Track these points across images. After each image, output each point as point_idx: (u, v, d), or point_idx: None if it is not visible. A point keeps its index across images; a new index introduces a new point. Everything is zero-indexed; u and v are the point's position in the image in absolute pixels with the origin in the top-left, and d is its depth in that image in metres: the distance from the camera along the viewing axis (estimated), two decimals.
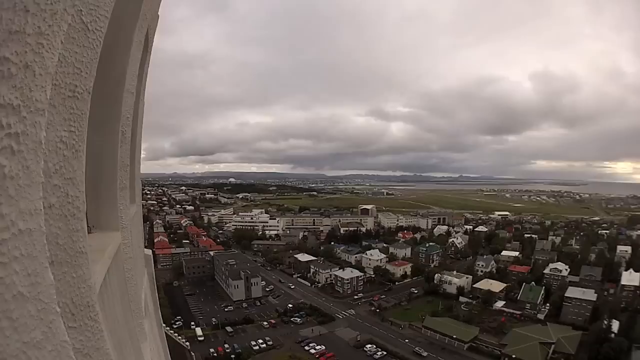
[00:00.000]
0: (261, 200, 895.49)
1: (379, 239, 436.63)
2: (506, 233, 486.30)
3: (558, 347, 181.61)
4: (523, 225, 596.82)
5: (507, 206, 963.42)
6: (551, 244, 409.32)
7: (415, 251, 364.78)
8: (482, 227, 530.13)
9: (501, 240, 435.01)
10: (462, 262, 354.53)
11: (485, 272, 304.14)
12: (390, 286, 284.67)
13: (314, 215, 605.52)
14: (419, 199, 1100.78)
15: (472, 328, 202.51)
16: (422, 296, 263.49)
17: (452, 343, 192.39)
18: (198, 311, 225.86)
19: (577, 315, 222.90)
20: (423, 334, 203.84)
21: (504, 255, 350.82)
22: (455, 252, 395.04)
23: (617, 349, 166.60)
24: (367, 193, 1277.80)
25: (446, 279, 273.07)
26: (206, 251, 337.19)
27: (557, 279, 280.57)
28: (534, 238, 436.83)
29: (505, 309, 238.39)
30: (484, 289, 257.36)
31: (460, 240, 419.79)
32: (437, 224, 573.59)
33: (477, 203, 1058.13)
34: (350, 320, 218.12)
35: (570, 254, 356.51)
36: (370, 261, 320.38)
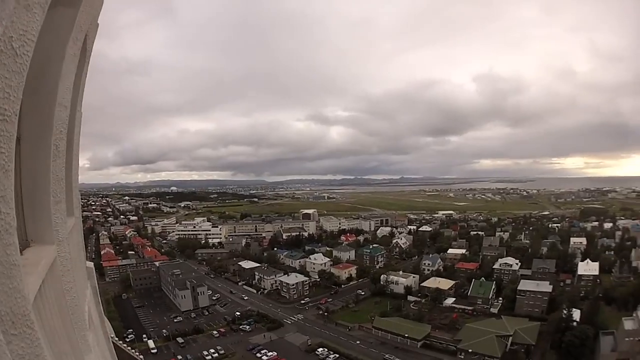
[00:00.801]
0: (203, 209, 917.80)
1: (322, 242, 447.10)
2: (451, 231, 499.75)
3: (516, 339, 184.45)
4: (468, 223, 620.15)
5: (451, 205, 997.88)
6: (499, 239, 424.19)
7: (359, 253, 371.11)
8: (426, 227, 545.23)
9: (446, 238, 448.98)
10: (407, 262, 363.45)
11: (432, 270, 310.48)
12: (336, 289, 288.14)
13: (255, 222, 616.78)
14: (361, 202, 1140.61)
15: (423, 326, 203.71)
16: (369, 297, 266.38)
17: (404, 342, 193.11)
18: (149, 323, 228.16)
19: (532, 307, 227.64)
20: (374, 335, 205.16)
21: (451, 253, 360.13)
22: (400, 252, 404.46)
23: (581, 336, 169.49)
24: (308, 197, 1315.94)
25: (392, 279, 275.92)
26: (151, 262, 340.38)
27: (508, 273, 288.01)
28: (481, 235, 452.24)
29: (456, 305, 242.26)
30: (432, 287, 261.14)
31: (405, 240, 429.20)
32: (380, 225, 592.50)
33: (420, 203, 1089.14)
34: (299, 325, 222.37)
35: (520, 249, 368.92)
36: (314, 265, 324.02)
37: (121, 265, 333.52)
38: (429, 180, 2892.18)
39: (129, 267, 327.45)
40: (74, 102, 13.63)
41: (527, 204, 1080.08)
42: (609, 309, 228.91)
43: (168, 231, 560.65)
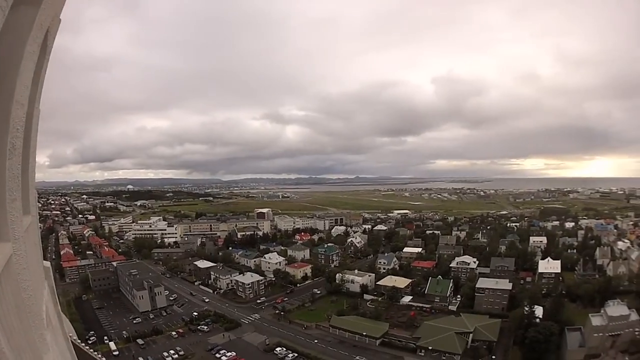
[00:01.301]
0: (159, 208, 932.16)
1: (277, 242, 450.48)
2: (407, 230, 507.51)
3: (477, 336, 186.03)
4: (424, 223, 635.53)
5: (407, 205, 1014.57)
6: (456, 238, 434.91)
7: (314, 252, 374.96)
8: (381, 226, 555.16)
9: (402, 237, 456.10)
10: (363, 261, 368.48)
11: (388, 269, 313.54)
12: (292, 288, 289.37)
13: (210, 221, 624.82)
14: (315, 201, 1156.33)
15: (381, 324, 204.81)
16: (325, 296, 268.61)
17: (363, 340, 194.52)
18: (109, 325, 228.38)
19: (492, 304, 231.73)
20: (331, 333, 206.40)
21: (406, 252, 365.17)
22: (355, 251, 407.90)
23: (546, 332, 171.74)
24: (263, 197, 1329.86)
25: (348, 278, 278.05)
26: (109, 262, 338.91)
27: (466, 271, 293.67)
28: (437, 234, 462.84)
29: (414, 303, 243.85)
30: (388, 286, 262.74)
31: (360, 239, 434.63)
32: (335, 224, 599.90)
33: (375, 203, 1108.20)
34: (256, 325, 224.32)
35: (477, 247, 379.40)
36: (269, 265, 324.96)
37: (80, 266, 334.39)
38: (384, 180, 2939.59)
39: (88, 268, 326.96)
40: (32, 99, 13.85)
41: (484, 203, 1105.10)
42: (574, 305, 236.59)
43: (125, 230, 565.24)
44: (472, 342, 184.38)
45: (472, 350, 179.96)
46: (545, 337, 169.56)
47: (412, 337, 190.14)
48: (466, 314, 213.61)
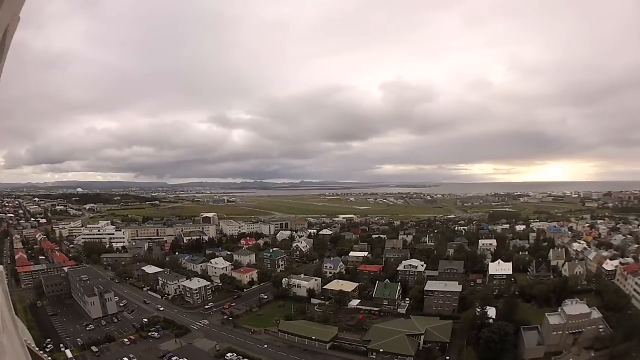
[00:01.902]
0: (107, 212, 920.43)
1: (223, 246, 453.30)
2: (352, 235, 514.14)
3: (429, 337, 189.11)
4: (370, 227, 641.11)
5: (353, 209, 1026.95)
6: (402, 242, 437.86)
7: (260, 257, 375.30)
8: (327, 231, 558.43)
9: (348, 242, 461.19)
10: (309, 266, 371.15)
11: (335, 273, 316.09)
12: (239, 293, 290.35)
13: (157, 226, 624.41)
14: (261, 206, 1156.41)
15: (330, 328, 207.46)
16: (272, 301, 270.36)
17: (313, 344, 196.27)
18: (64, 332, 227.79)
19: (442, 306, 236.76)
20: (281, 338, 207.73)
21: (353, 256, 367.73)
22: (300, 256, 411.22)
23: (500, 332, 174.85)
24: (209, 201, 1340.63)
25: (295, 282, 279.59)
26: (61, 267, 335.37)
27: (414, 274, 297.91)
28: (383, 238, 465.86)
29: (362, 307, 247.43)
30: (335, 290, 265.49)
31: (305, 244, 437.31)
32: (280, 229, 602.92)
33: (320, 207, 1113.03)
34: (205, 331, 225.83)
35: (425, 251, 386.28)
36: (216, 270, 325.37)
37: (34, 271, 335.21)
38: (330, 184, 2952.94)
39: (41, 274, 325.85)
40: None
41: (431, 208, 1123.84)
42: (529, 306, 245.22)
43: (75, 235, 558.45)
44: (424, 344, 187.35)
45: (425, 351, 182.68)
46: (501, 337, 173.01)
47: (362, 341, 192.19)
48: (416, 316, 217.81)
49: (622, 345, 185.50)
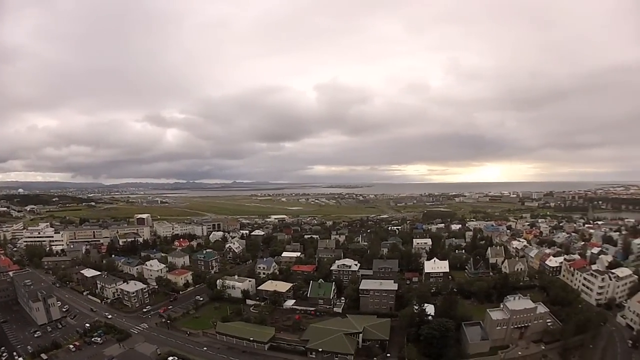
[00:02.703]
0: (46, 213, 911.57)
1: (157, 248, 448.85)
2: (285, 235, 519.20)
3: (367, 335, 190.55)
4: (302, 227, 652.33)
5: (284, 210, 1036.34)
6: (335, 242, 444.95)
7: (194, 259, 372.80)
8: (259, 231, 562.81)
9: (280, 242, 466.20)
10: (242, 267, 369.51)
11: (268, 273, 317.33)
12: (175, 296, 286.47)
13: (93, 227, 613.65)
14: (193, 206, 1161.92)
15: (267, 329, 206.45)
16: (208, 303, 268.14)
17: (251, 345, 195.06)
18: (15, 339, 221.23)
19: (379, 304, 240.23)
20: (219, 340, 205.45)
21: (285, 257, 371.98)
22: (233, 257, 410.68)
23: (441, 328, 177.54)
24: (142, 202, 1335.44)
25: (229, 284, 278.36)
26: (6, 272, 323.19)
27: (348, 274, 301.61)
28: (315, 238, 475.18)
29: (298, 307, 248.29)
30: (270, 290, 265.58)
31: (238, 245, 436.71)
32: (213, 230, 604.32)
33: (252, 208, 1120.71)
34: (145, 335, 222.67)
35: (358, 250, 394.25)
36: (151, 272, 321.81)
37: None
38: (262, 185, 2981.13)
39: None
40: None
41: (363, 208, 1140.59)
42: (468, 302, 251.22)
43: (17, 237, 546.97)
44: (364, 342, 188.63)
45: (364, 350, 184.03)
46: (442, 333, 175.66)
47: (300, 340, 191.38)
48: (353, 315, 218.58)
49: (574, 338, 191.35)
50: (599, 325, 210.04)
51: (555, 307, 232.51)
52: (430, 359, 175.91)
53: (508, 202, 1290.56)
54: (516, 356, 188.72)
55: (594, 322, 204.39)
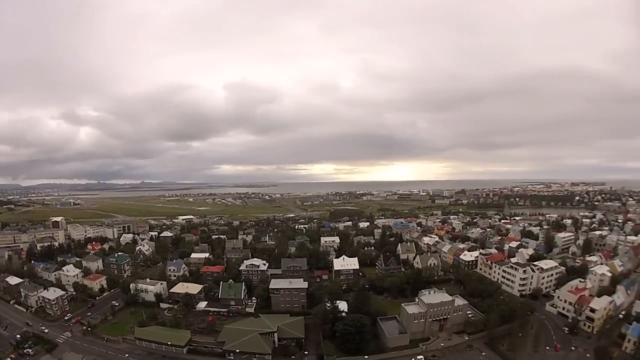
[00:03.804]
0: None
1: (72, 252, 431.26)
2: (192, 236, 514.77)
3: (282, 334, 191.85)
4: (209, 228, 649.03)
5: (191, 210, 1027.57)
6: (242, 242, 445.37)
7: (107, 262, 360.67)
8: (167, 232, 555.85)
9: (188, 243, 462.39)
10: (153, 269, 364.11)
11: (179, 275, 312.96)
12: (92, 302, 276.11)
13: (13, 232, 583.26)
14: (104, 208, 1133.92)
15: (183, 332, 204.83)
16: (124, 308, 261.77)
17: (170, 349, 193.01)
18: None
19: (290, 303, 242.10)
20: (139, 346, 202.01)
21: (194, 258, 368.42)
22: (144, 259, 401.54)
23: (355, 324, 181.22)
24: (56, 204, 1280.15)
25: (142, 287, 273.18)
26: None
27: (257, 273, 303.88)
28: (223, 238, 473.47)
29: (210, 308, 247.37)
30: (181, 293, 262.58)
31: (148, 247, 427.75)
32: (123, 232, 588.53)
33: (160, 209, 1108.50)
34: (70, 344, 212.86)
35: (266, 250, 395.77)
36: (68, 278, 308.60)
37: None
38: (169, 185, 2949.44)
39: None
40: None
41: (270, 207, 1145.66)
42: (381, 297, 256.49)
43: None
44: (279, 341, 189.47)
45: (281, 349, 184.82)
46: (357, 329, 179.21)
47: (216, 342, 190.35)
48: (265, 314, 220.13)
49: (501, 327, 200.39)
50: (526, 314, 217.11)
51: (474, 299, 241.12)
52: (349, 354, 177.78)
53: (418, 200, 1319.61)
54: (439, 347, 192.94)
55: (520, 312, 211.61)
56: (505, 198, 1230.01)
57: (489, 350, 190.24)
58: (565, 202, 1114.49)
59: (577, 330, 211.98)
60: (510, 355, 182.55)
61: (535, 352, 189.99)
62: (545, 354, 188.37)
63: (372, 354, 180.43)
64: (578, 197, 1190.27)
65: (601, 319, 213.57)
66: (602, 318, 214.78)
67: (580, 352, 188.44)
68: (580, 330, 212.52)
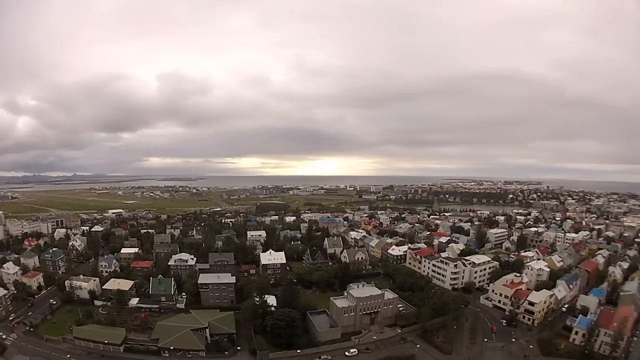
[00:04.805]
0: None
1: (11, 249, 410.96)
2: (122, 230, 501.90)
3: (214, 330, 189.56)
4: (138, 222, 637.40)
5: (121, 203, 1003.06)
6: (170, 236, 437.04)
7: (42, 259, 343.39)
8: (98, 227, 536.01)
9: (119, 238, 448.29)
10: (86, 265, 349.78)
11: (110, 272, 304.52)
12: (32, 300, 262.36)
13: None
14: (39, 202, 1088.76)
15: (118, 330, 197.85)
16: (61, 306, 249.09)
17: (108, 348, 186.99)
18: None
19: (220, 298, 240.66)
20: (78, 345, 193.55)
21: (124, 253, 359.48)
22: (77, 255, 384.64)
23: (285, 318, 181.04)
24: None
25: (76, 284, 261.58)
26: None
27: (185, 268, 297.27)
28: (152, 233, 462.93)
29: (142, 305, 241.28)
30: (114, 289, 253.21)
31: (80, 242, 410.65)
32: (57, 227, 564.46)
33: (91, 202, 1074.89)
34: (17, 345, 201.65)
35: (193, 244, 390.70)
36: (8, 276, 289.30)
37: None
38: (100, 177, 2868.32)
39: None
40: None
41: (197, 201, 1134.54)
42: (310, 292, 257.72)
43: None
44: (212, 337, 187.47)
45: (214, 344, 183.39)
46: (287, 323, 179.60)
47: (151, 340, 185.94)
48: (196, 310, 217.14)
49: (434, 320, 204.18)
50: (459, 307, 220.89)
51: (405, 292, 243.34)
52: (281, 349, 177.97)
53: (345, 195, 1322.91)
54: (371, 340, 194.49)
55: (454, 305, 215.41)
56: (434, 194, 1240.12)
57: (423, 342, 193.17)
58: (498, 200, 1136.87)
59: (515, 322, 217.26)
60: (446, 347, 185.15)
61: (472, 344, 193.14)
62: (484, 346, 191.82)
63: (305, 348, 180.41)
64: (512, 195, 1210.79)
65: (541, 311, 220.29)
66: (543, 311, 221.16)
67: (522, 344, 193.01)
68: (519, 323, 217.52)
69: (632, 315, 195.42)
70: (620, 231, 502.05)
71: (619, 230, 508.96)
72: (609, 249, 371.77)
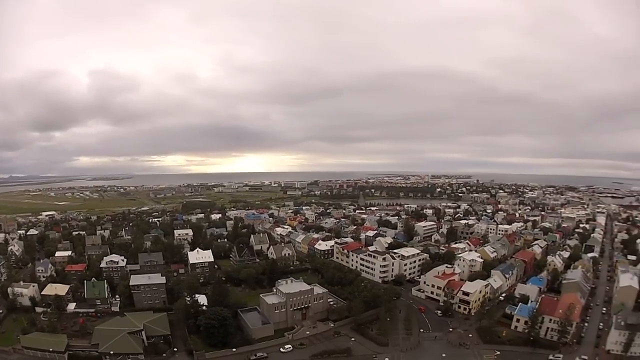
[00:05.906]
0: None
1: None
2: (55, 233, 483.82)
3: (149, 332, 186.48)
4: (70, 224, 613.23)
5: (53, 205, 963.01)
6: (101, 238, 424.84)
7: None
8: (33, 230, 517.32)
9: (53, 241, 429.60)
10: (25, 270, 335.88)
11: (47, 276, 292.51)
12: None
13: None
14: None
15: (60, 337, 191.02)
16: (7, 315, 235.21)
17: (53, 356, 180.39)
18: None
19: (152, 299, 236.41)
20: (27, 355, 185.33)
21: (59, 256, 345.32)
22: (17, 260, 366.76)
23: (217, 317, 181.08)
24: None
25: (17, 291, 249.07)
26: None
27: (117, 270, 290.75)
28: (83, 235, 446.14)
29: (79, 310, 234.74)
30: (51, 295, 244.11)
31: (18, 247, 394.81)
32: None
33: (26, 205, 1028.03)
34: None
35: (123, 245, 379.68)
36: None
37: None
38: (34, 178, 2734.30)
39: None
40: None
41: (125, 200, 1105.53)
42: (239, 289, 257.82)
43: None
44: (148, 339, 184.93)
45: (151, 347, 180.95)
46: (220, 322, 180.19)
47: (91, 345, 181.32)
48: (130, 312, 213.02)
49: (367, 313, 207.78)
50: (391, 299, 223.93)
51: (334, 287, 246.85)
52: (216, 348, 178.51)
53: (270, 191, 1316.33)
54: (305, 336, 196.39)
55: (385, 297, 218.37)
56: (360, 189, 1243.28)
57: (358, 335, 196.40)
58: (426, 194, 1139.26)
59: (451, 312, 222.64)
60: (382, 339, 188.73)
61: (408, 334, 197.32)
62: (421, 336, 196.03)
63: (239, 346, 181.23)
64: (440, 188, 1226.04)
65: (477, 301, 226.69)
66: (479, 300, 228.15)
67: (460, 333, 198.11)
68: (455, 313, 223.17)
69: (578, 302, 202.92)
70: (558, 222, 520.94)
71: (556, 221, 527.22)
72: (547, 239, 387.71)
